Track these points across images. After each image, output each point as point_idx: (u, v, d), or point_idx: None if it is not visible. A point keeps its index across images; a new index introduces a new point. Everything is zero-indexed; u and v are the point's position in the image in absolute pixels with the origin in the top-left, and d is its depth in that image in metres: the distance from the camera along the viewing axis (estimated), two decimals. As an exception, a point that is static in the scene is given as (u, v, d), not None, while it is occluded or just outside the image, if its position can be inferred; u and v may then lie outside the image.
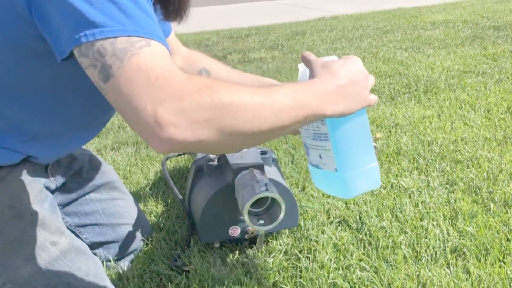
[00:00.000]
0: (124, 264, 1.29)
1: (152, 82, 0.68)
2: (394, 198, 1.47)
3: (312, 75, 0.87)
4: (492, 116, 2.11)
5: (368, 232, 1.30)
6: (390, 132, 2.02)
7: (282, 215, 1.11)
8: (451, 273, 1.12)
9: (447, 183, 1.54)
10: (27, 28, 0.81)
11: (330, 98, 0.82)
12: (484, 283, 1.08)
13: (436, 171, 1.63)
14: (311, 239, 1.29)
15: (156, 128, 0.67)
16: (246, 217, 1.09)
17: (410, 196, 1.48)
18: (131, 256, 1.33)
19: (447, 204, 1.42)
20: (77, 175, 1.27)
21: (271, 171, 1.29)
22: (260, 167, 1.20)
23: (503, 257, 1.16)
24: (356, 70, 0.88)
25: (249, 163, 1.20)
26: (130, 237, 1.33)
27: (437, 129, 2.01)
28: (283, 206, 1.11)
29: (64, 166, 1.22)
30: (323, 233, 1.31)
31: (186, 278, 1.19)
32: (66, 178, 1.23)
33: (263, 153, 1.32)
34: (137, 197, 1.63)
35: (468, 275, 1.11)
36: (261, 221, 1.15)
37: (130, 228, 1.33)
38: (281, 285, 1.14)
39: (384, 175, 1.63)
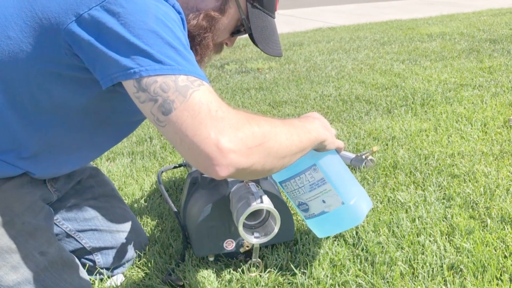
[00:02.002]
0: (118, 278, 1.27)
1: (213, 114, 0.78)
2: (391, 213, 1.46)
3: None
4: (488, 130, 2.11)
5: (364, 248, 1.29)
6: (387, 145, 2.02)
7: (277, 228, 1.11)
8: (448, 290, 1.11)
9: (444, 198, 1.53)
10: (65, 57, 0.85)
11: (322, 126, 1.05)
12: (481, 301, 1.07)
13: (433, 185, 1.62)
14: (307, 254, 1.27)
15: (218, 155, 0.76)
16: (240, 230, 1.08)
17: (406, 211, 1.47)
18: (129, 264, 1.31)
19: (444, 219, 1.41)
20: (77, 184, 1.27)
21: (266, 184, 1.28)
22: (255, 180, 1.19)
23: (500, 275, 1.15)
24: (321, 116, 1.11)
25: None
26: (128, 244, 1.32)
27: (434, 143, 2.00)
28: (278, 219, 1.10)
29: (64, 178, 1.21)
30: (319, 248, 1.30)
31: (180, 293, 1.17)
32: (68, 188, 1.23)
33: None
34: (132, 209, 1.62)
35: (465, 293, 1.10)
36: (256, 234, 1.14)
37: (128, 236, 1.32)
38: (276, 301, 1.13)
39: (381, 189, 1.63)
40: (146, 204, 1.65)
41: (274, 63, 4.00)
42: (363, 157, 1.80)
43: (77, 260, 1.13)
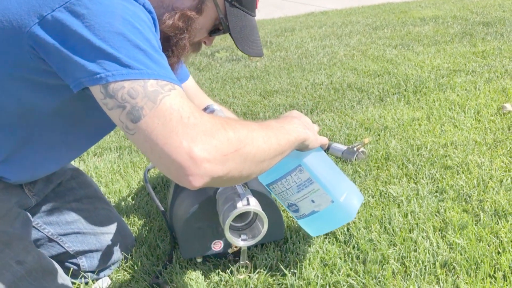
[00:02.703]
0: (104, 281, 1.24)
1: (185, 121, 0.73)
2: (382, 207, 1.43)
3: None
4: (482, 118, 2.08)
5: (356, 245, 1.27)
6: (379, 135, 1.98)
7: (264, 230, 1.07)
8: (441, 289, 1.09)
9: (436, 191, 1.51)
10: (31, 61, 0.80)
11: (302, 125, 1.00)
12: (474, 301, 1.05)
13: (426, 177, 1.59)
14: (297, 253, 1.24)
15: (191, 165, 0.71)
16: (227, 234, 1.05)
17: (399, 205, 1.44)
18: (115, 266, 1.29)
19: (437, 214, 1.38)
20: (57, 186, 1.23)
21: (254, 182, 1.25)
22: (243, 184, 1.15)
23: (494, 272, 1.13)
24: (302, 115, 1.07)
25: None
26: (113, 246, 1.29)
27: (427, 132, 1.97)
28: (265, 221, 1.06)
29: (43, 181, 1.17)
30: (310, 247, 1.27)
31: (167, 297, 1.14)
32: (47, 192, 1.19)
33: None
34: (119, 207, 1.58)
35: (458, 292, 1.08)
36: (243, 236, 1.11)
37: (113, 238, 1.29)
38: (266, 304, 1.10)
39: (372, 182, 1.60)
40: (133, 202, 1.61)
41: (265, 50, 3.94)
42: (355, 149, 1.77)
43: (57, 267, 1.09)
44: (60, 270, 1.09)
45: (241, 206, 1.02)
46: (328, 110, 2.37)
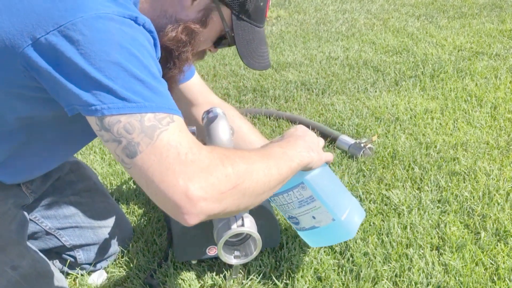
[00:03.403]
0: (100, 275, 1.27)
1: (182, 158, 0.72)
2: (382, 217, 1.42)
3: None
4: (498, 115, 2.01)
5: (350, 258, 1.26)
6: (388, 127, 1.93)
7: (256, 252, 1.07)
8: (430, 317, 1.09)
9: (439, 200, 1.48)
10: (25, 80, 0.78)
11: (306, 149, 0.97)
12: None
13: (431, 183, 1.56)
14: (292, 262, 1.25)
15: (187, 204, 0.70)
16: (220, 252, 1.05)
17: (399, 215, 1.42)
18: (112, 258, 1.31)
19: (437, 227, 1.36)
20: (56, 180, 1.23)
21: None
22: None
23: (486, 302, 1.12)
24: (307, 131, 1.04)
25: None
26: (111, 239, 1.30)
27: (438, 128, 1.92)
28: (259, 243, 1.06)
29: (41, 178, 1.16)
30: (305, 255, 1.27)
31: (160, 300, 1.16)
32: (45, 188, 1.19)
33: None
34: (120, 194, 1.58)
35: (447, 322, 1.08)
36: (236, 253, 1.10)
37: (111, 231, 1.30)
38: (255, 316, 1.12)
39: (376, 184, 1.57)
40: (134, 187, 1.61)
41: (283, 12, 3.81)
42: (362, 145, 1.73)
43: (53, 269, 1.11)
44: (56, 272, 1.11)
45: (235, 228, 1.01)
46: (340, 91, 2.31)
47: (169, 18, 0.92)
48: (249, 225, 1.03)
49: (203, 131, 1.17)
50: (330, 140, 1.84)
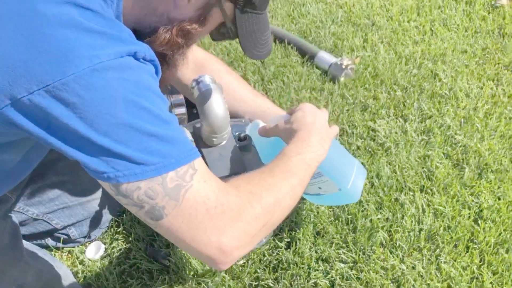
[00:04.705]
0: (99, 249, 1.24)
1: (212, 213, 0.68)
2: (371, 155, 1.43)
3: (289, 135, 0.94)
4: (473, 14, 1.95)
5: (345, 208, 1.29)
6: (366, 37, 1.84)
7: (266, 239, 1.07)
8: (423, 268, 1.18)
9: (423, 132, 1.50)
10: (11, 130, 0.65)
11: (321, 143, 0.93)
12: (453, 282, 1.16)
13: (414, 110, 1.56)
14: (291, 220, 1.27)
15: (222, 256, 0.69)
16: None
17: (387, 152, 1.43)
18: (105, 226, 1.28)
19: (423, 164, 1.40)
20: (34, 170, 1.12)
21: (250, 158, 1.18)
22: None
23: (471, 243, 1.22)
24: (315, 113, 0.97)
25: (230, 171, 1.07)
26: (102, 209, 1.26)
27: (416, 35, 1.85)
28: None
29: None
30: (301, 209, 1.29)
31: (167, 273, 1.17)
32: (26, 181, 1.08)
33: (241, 139, 1.18)
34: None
35: (439, 272, 1.18)
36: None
37: (101, 202, 1.25)
38: (263, 281, 1.17)
39: (360, 114, 1.55)
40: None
41: None
42: (343, 66, 1.65)
43: (57, 269, 1.07)
44: (60, 271, 1.08)
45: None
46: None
47: (159, 16, 0.76)
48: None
49: (195, 102, 1.06)
50: (309, 57, 1.73)
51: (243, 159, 1.13)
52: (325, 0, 2.03)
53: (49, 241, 1.22)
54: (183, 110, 1.07)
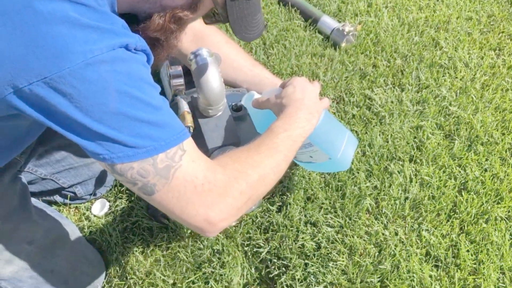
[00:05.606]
0: (103, 206, 1.33)
1: (199, 190, 0.74)
2: (365, 125, 1.47)
3: (279, 110, 0.99)
4: (483, -23, 1.91)
5: (336, 175, 1.36)
6: (370, 6, 1.83)
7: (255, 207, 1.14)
8: (405, 234, 1.26)
9: (418, 102, 1.53)
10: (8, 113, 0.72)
11: (308, 118, 0.97)
12: (432, 248, 1.24)
13: (412, 79, 1.58)
14: (283, 185, 1.34)
15: (209, 227, 0.76)
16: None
17: (381, 121, 1.48)
18: (110, 184, 1.36)
19: (415, 134, 1.45)
20: (42, 135, 1.19)
21: (245, 127, 1.23)
22: (236, 144, 1.15)
23: (452, 217, 1.29)
24: (305, 88, 1.01)
25: (225, 141, 1.13)
26: (105, 171, 1.33)
27: (422, 0, 1.83)
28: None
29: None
30: (293, 175, 1.36)
31: (166, 231, 1.27)
32: (33, 145, 1.15)
33: (236, 109, 1.23)
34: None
35: (420, 239, 1.26)
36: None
37: None
38: (254, 241, 1.26)
39: (358, 82, 1.58)
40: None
41: None
42: (345, 32, 1.66)
43: (64, 225, 1.16)
44: (67, 227, 1.16)
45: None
46: None
47: (153, 3, 0.80)
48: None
49: (192, 74, 1.11)
50: (312, 21, 1.74)
51: (238, 128, 1.19)
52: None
53: (57, 198, 1.31)
54: (181, 81, 1.12)
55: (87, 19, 0.65)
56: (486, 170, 1.38)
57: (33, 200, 1.16)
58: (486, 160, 1.40)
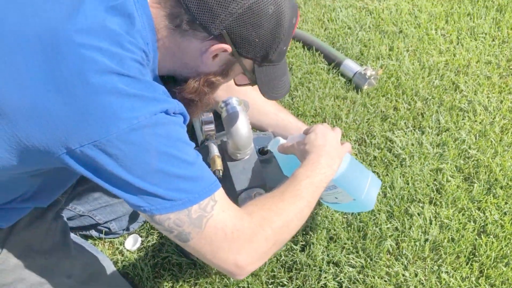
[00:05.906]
0: (135, 242, 1.41)
1: (229, 237, 0.82)
2: (386, 167, 1.52)
3: (302, 155, 1.06)
4: (502, 22, 1.97)
5: (358, 216, 1.41)
6: (392, 45, 1.90)
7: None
8: (425, 276, 1.30)
9: (438, 144, 1.58)
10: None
11: (329, 164, 1.03)
12: (451, 291, 1.27)
13: (432, 122, 1.64)
14: (307, 225, 1.40)
15: (238, 270, 0.85)
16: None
17: (401, 164, 1.53)
18: (142, 220, 1.44)
19: (435, 177, 1.49)
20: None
21: (271, 169, 1.30)
22: (262, 186, 1.22)
23: (472, 260, 1.32)
24: (326, 134, 1.08)
25: (252, 183, 1.20)
26: None
27: (442, 44, 1.90)
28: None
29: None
30: (316, 214, 1.42)
31: (194, 267, 1.33)
32: (73, 185, 1.25)
33: (262, 153, 1.30)
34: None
35: (439, 281, 1.29)
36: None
37: None
38: (279, 279, 1.31)
39: (379, 124, 1.64)
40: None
41: None
42: (367, 76, 1.73)
43: (101, 261, 1.24)
44: (104, 263, 1.24)
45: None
46: (341, -13, 2.17)
47: (190, 69, 0.92)
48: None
49: (222, 121, 1.19)
50: (335, 65, 1.82)
51: (264, 171, 1.26)
52: (356, 5, 2.10)
53: (93, 233, 1.40)
54: (212, 127, 1.20)
55: (132, 89, 0.75)
56: (505, 214, 1.41)
57: (72, 235, 1.25)
58: (506, 203, 1.43)
